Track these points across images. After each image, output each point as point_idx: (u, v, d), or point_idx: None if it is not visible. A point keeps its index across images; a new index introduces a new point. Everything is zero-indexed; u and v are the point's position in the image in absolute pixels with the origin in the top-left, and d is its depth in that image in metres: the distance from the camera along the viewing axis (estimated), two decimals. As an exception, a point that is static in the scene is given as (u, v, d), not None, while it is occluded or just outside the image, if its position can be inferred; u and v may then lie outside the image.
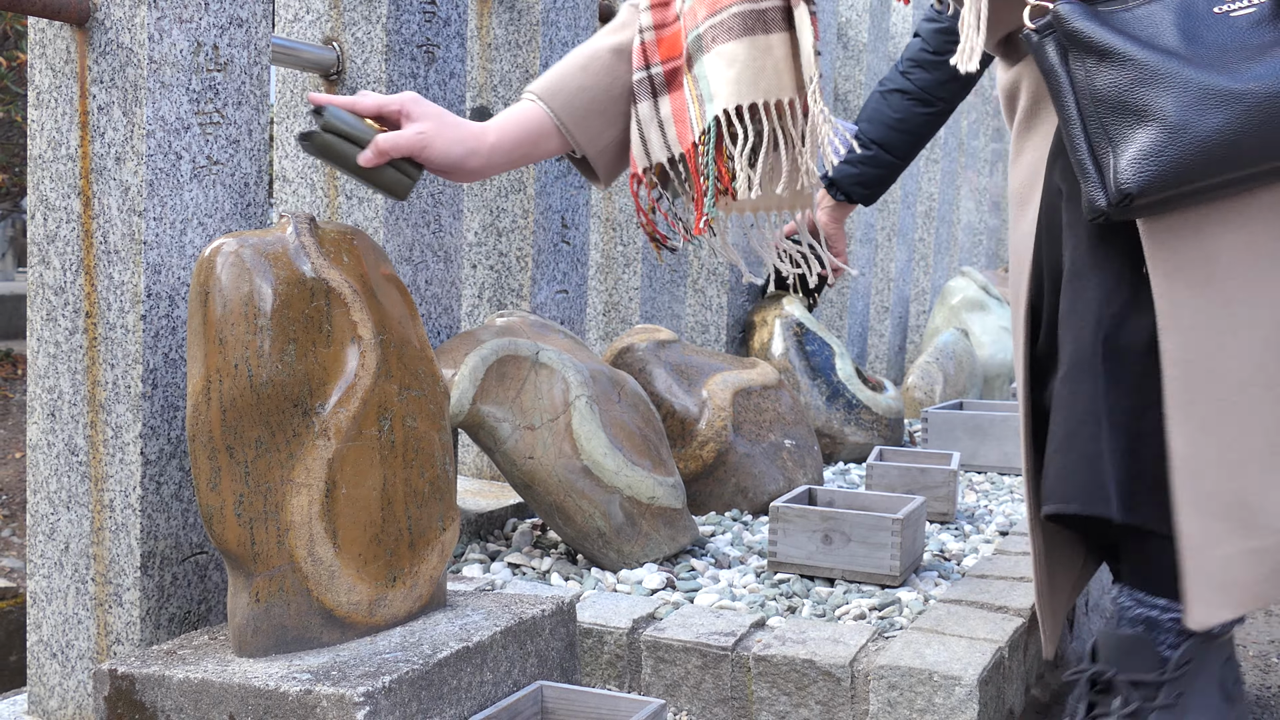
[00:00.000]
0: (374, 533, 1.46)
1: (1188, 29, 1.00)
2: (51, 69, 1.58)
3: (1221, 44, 0.99)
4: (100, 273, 1.57)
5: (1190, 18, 1.00)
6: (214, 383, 1.36)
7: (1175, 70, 0.97)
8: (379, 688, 1.30)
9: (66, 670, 1.63)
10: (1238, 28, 0.99)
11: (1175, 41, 1.00)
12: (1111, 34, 1.01)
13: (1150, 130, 0.98)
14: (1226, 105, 0.96)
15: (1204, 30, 1.00)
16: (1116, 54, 1.00)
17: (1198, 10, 1.00)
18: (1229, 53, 0.99)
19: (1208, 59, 0.99)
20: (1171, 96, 0.97)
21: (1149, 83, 0.98)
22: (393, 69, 2.14)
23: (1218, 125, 0.96)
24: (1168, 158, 0.98)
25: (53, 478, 1.62)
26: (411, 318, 1.54)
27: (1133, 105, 0.98)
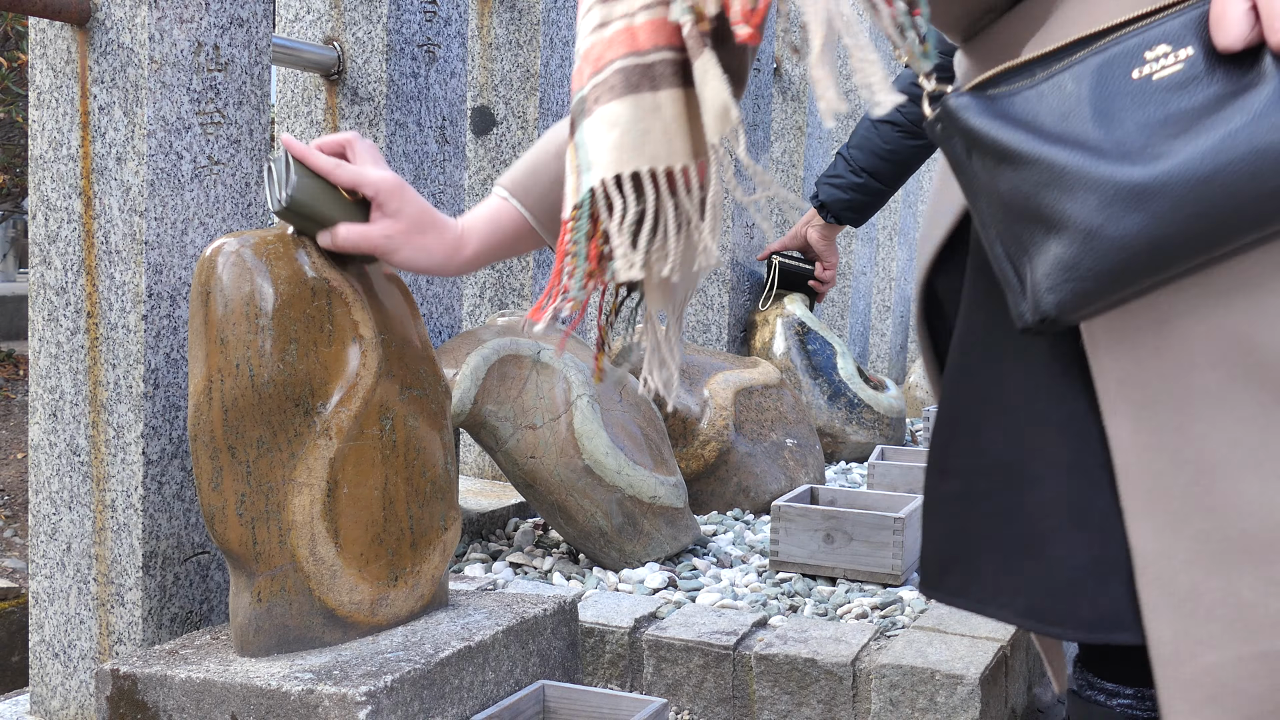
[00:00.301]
0: (376, 532, 1.46)
1: (1102, 104, 0.87)
2: (52, 69, 1.58)
3: (1141, 120, 0.86)
4: (101, 273, 1.57)
5: (1105, 88, 0.87)
6: (215, 382, 1.36)
7: (1083, 167, 0.85)
8: (381, 687, 1.30)
9: (69, 670, 1.63)
10: (1161, 94, 0.86)
11: (1086, 124, 0.87)
12: (1009, 129, 0.88)
13: (1063, 240, 0.86)
14: (1145, 202, 0.83)
15: (1121, 104, 0.87)
16: (1015, 155, 0.87)
17: (1114, 77, 0.88)
18: (1149, 131, 0.86)
19: (1123, 143, 0.86)
20: (1081, 200, 0.84)
21: (1055, 185, 0.85)
22: (393, 68, 2.14)
23: (1138, 227, 0.84)
24: (1085, 270, 0.85)
25: (54, 478, 1.62)
26: (413, 317, 1.54)
27: (1040, 212, 0.86)
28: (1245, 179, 0.82)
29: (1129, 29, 0.87)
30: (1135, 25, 0.87)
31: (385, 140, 2.15)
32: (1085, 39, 0.88)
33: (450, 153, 2.31)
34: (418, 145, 2.22)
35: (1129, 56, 0.87)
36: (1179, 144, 0.84)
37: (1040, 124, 0.88)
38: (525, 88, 2.71)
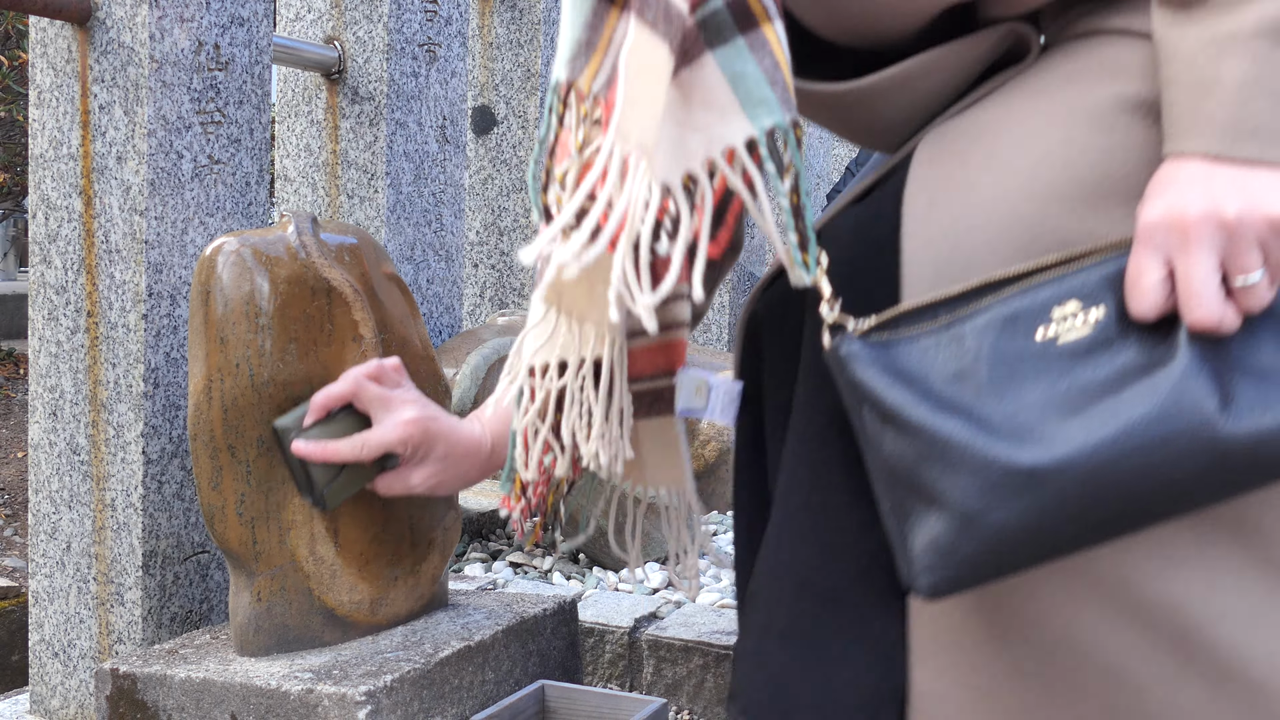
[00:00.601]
0: (375, 532, 1.46)
1: (999, 368, 0.80)
2: (53, 68, 1.58)
3: (1039, 393, 0.79)
4: (102, 272, 1.57)
5: (1006, 347, 0.80)
6: (215, 382, 1.36)
7: (969, 445, 0.77)
8: (381, 687, 1.30)
9: (68, 669, 1.63)
10: (1064, 362, 0.79)
11: (979, 390, 0.80)
12: (897, 388, 0.80)
13: (942, 520, 0.79)
14: (1032, 490, 0.76)
15: (1019, 370, 0.79)
16: (900, 420, 0.80)
17: (1017, 335, 0.80)
18: (1045, 407, 0.78)
19: (1015, 419, 0.78)
20: (963, 481, 0.77)
21: (938, 460, 0.78)
22: (394, 68, 2.14)
23: (1021, 516, 0.77)
24: (962, 555, 0.79)
25: (54, 477, 1.62)
26: (413, 317, 1.54)
27: (920, 485, 0.80)
28: (1142, 473, 0.76)
29: (1042, 276, 0.81)
30: (1050, 272, 0.81)
31: (385, 140, 2.16)
32: (996, 283, 0.82)
33: (451, 152, 2.31)
34: (418, 145, 2.22)
35: (1036, 312, 0.81)
36: (1075, 427, 0.77)
37: (931, 383, 0.81)
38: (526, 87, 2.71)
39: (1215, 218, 0.76)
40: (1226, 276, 0.78)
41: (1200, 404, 0.76)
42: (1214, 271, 0.77)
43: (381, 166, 2.15)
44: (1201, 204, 0.76)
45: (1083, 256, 0.81)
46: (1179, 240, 0.77)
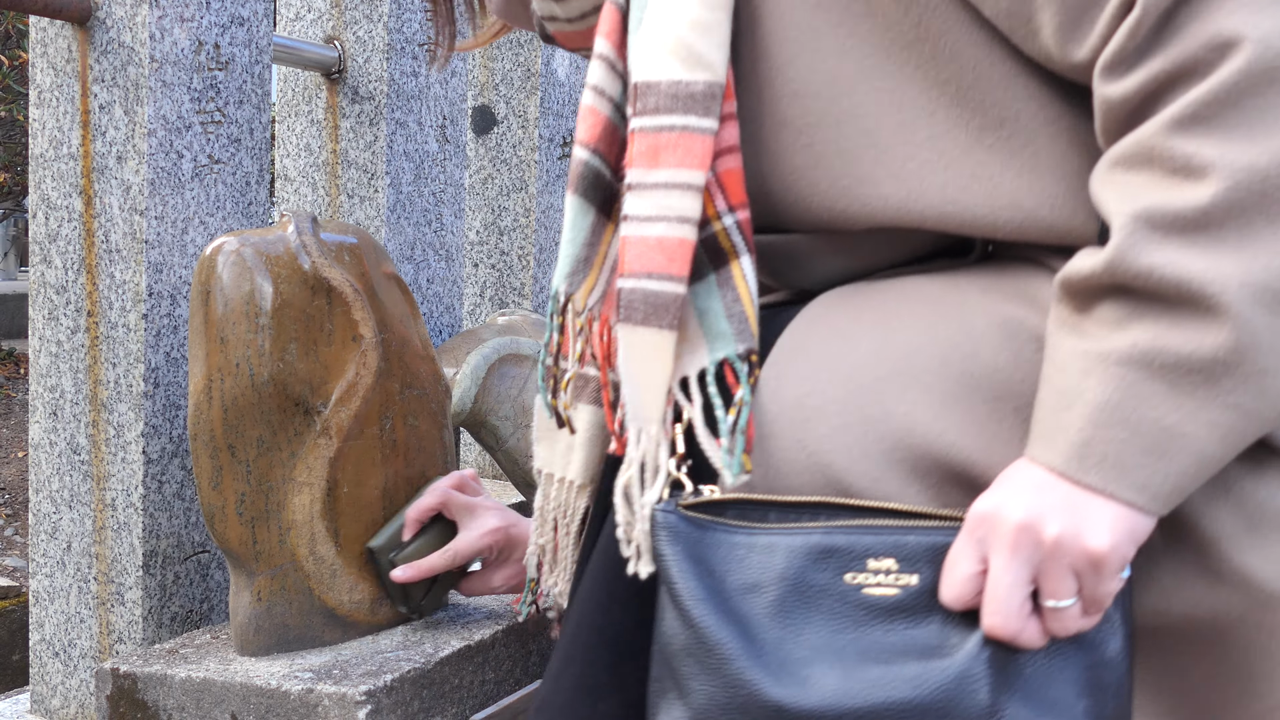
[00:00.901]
0: (376, 532, 1.46)
1: (795, 596, 0.79)
2: (53, 68, 1.58)
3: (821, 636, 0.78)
4: (102, 271, 1.57)
5: (810, 578, 0.79)
6: (215, 382, 1.36)
7: (728, 657, 0.77)
8: (381, 686, 1.30)
9: (69, 669, 1.63)
10: (859, 613, 0.78)
11: (766, 611, 0.79)
12: (691, 577, 0.80)
13: (683, 714, 0.79)
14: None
15: (814, 605, 0.78)
16: (682, 607, 0.79)
17: (826, 569, 0.79)
18: (821, 652, 0.77)
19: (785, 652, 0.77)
20: (711, 687, 0.77)
21: (697, 659, 0.77)
22: (394, 68, 2.14)
23: None
24: None
25: (55, 477, 1.62)
26: (413, 316, 1.54)
27: (676, 673, 0.79)
28: None
29: (875, 520, 0.80)
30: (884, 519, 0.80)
31: (385, 139, 2.16)
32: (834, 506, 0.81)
33: (451, 152, 2.31)
34: (418, 144, 2.22)
35: (853, 556, 0.80)
36: (837, 681, 0.76)
37: (725, 584, 0.81)
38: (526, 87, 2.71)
39: (1034, 532, 0.75)
40: (1038, 595, 0.77)
41: (966, 711, 0.74)
42: (1021, 584, 0.76)
43: (381, 166, 2.15)
44: (1026, 513, 0.75)
45: (920, 516, 0.80)
46: (996, 541, 0.76)
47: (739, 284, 0.89)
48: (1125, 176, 0.76)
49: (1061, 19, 0.80)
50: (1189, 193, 0.73)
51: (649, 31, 0.90)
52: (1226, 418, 0.73)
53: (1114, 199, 0.76)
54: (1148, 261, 0.74)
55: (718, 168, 0.90)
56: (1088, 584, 0.76)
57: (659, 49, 0.89)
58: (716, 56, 0.89)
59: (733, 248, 0.89)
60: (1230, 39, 0.73)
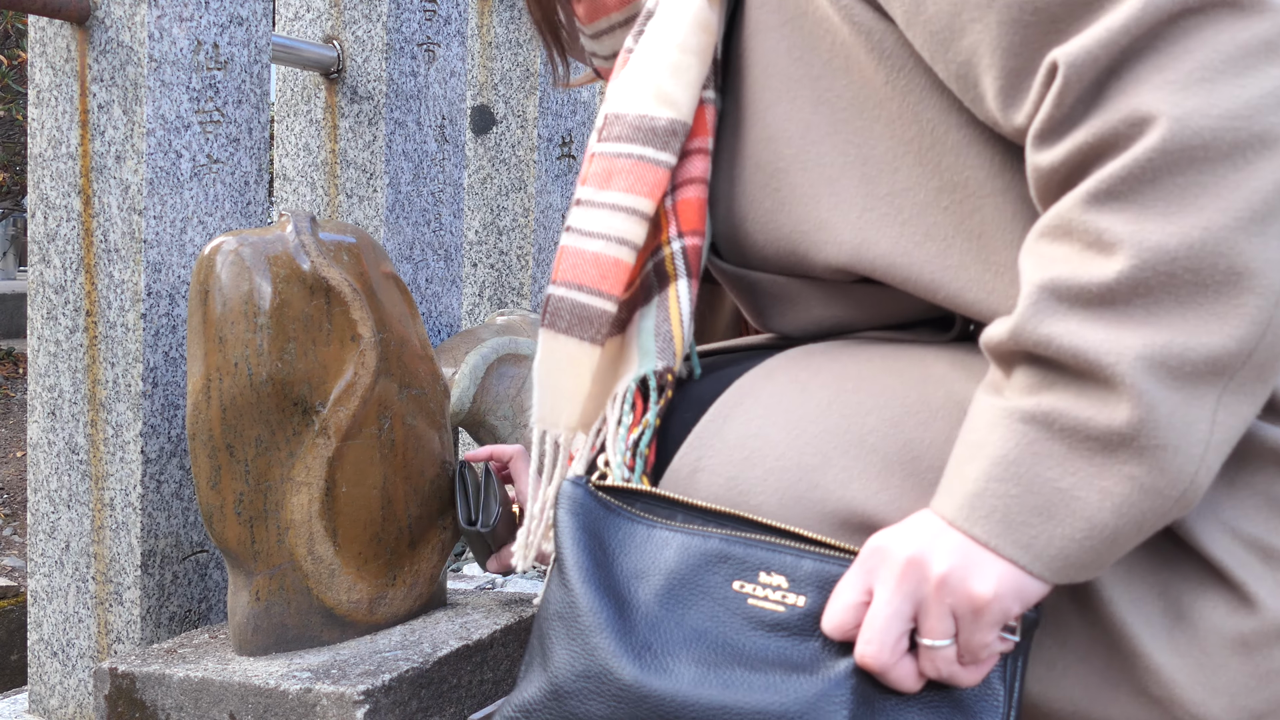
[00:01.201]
0: (374, 531, 1.46)
1: (680, 589, 0.79)
2: (52, 67, 1.58)
3: (696, 630, 0.78)
4: (100, 271, 1.57)
5: (700, 577, 0.80)
6: (214, 381, 1.36)
7: (594, 627, 0.77)
8: (379, 686, 1.30)
9: (67, 669, 1.63)
10: (739, 621, 0.78)
11: (650, 595, 0.80)
12: (580, 545, 0.81)
13: (541, 682, 0.79)
14: (616, 701, 0.75)
15: (695, 602, 0.79)
16: (563, 572, 0.80)
17: (717, 573, 0.80)
18: (692, 644, 0.77)
19: (656, 636, 0.78)
20: (570, 655, 0.77)
21: (565, 622, 0.78)
22: (393, 67, 2.14)
23: (598, 716, 0.76)
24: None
25: (53, 476, 1.62)
26: (411, 316, 1.54)
27: (544, 639, 0.80)
28: None
29: (773, 538, 0.81)
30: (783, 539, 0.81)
31: (384, 139, 2.16)
32: (739, 519, 0.82)
33: (450, 152, 2.31)
34: (417, 144, 2.22)
35: (746, 566, 0.80)
36: (694, 673, 0.76)
37: (615, 565, 0.82)
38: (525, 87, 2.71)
39: (922, 568, 0.75)
40: (916, 632, 0.76)
41: None
42: (900, 618, 0.76)
43: (380, 166, 2.15)
44: (917, 550, 0.76)
45: (821, 545, 0.80)
46: (884, 573, 0.76)
47: (671, 305, 0.92)
48: (1045, 248, 0.77)
49: (1001, 84, 0.80)
50: (1098, 267, 0.73)
51: (631, 71, 0.96)
52: (1121, 488, 0.73)
53: (1030, 268, 0.77)
54: (1046, 331, 0.74)
55: (676, 196, 0.94)
56: (965, 628, 0.75)
57: (635, 86, 0.95)
58: (684, 97, 0.94)
59: (674, 271, 0.93)
60: (1148, 115, 0.72)
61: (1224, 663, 0.78)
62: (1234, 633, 0.78)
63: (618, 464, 0.90)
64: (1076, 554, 0.74)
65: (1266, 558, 0.80)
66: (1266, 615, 0.78)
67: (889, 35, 0.87)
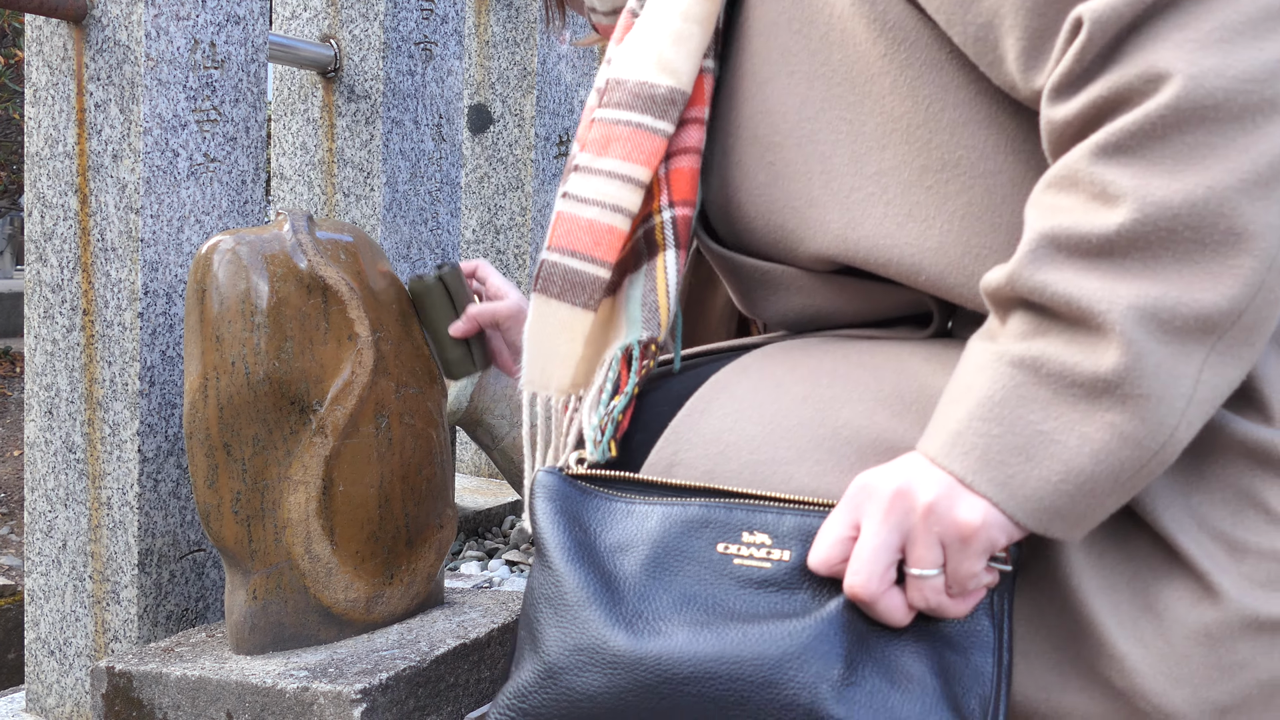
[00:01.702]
0: (371, 530, 1.46)
1: (663, 557, 0.80)
2: (49, 66, 1.58)
3: (685, 593, 0.78)
4: (98, 270, 1.57)
5: (682, 544, 0.80)
6: (211, 380, 1.36)
7: (581, 602, 0.78)
8: (376, 685, 1.30)
9: (64, 667, 1.63)
10: (726, 582, 0.79)
11: (633, 564, 0.80)
12: (561, 529, 0.82)
13: (533, 662, 0.79)
14: (611, 670, 0.76)
15: (680, 568, 0.79)
16: (544, 556, 0.81)
17: (700, 538, 0.80)
18: (680, 607, 0.77)
19: (644, 605, 0.78)
20: (560, 632, 0.78)
21: (552, 603, 0.79)
22: (390, 66, 2.14)
23: (595, 689, 0.76)
24: (531, 704, 0.78)
25: (50, 475, 1.62)
26: (409, 315, 1.54)
27: (532, 621, 0.80)
28: (736, 704, 0.74)
29: (752, 502, 0.82)
30: (762, 503, 0.81)
31: (381, 138, 2.16)
32: (715, 491, 0.83)
33: (447, 151, 2.31)
34: (414, 143, 2.22)
35: (728, 528, 0.81)
36: (687, 634, 0.76)
37: (597, 542, 0.82)
38: (522, 85, 2.72)
39: (908, 498, 0.76)
40: (904, 563, 0.77)
41: (818, 668, 0.74)
42: (887, 549, 0.76)
43: (378, 165, 2.15)
44: (903, 481, 0.77)
45: (795, 502, 0.81)
46: (871, 507, 0.77)
47: (659, 275, 0.93)
48: (1050, 198, 0.78)
49: (1024, 45, 0.80)
50: (1100, 218, 0.74)
51: (635, 36, 0.96)
52: (1101, 435, 0.73)
53: (1033, 217, 0.78)
54: (1042, 278, 0.75)
55: (670, 165, 0.94)
56: (953, 557, 0.76)
57: (637, 52, 0.95)
58: (685, 66, 0.94)
59: (663, 240, 0.93)
60: (1163, 72, 0.73)
61: (1188, 654, 0.79)
62: (1198, 624, 0.79)
63: (591, 428, 0.91)
64: (1051, 498, 0.75)
65: (1231, 550, 0.80)
66: (1230, 607, 0.79)
67: (894, 5, 0.87)
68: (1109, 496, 0.75)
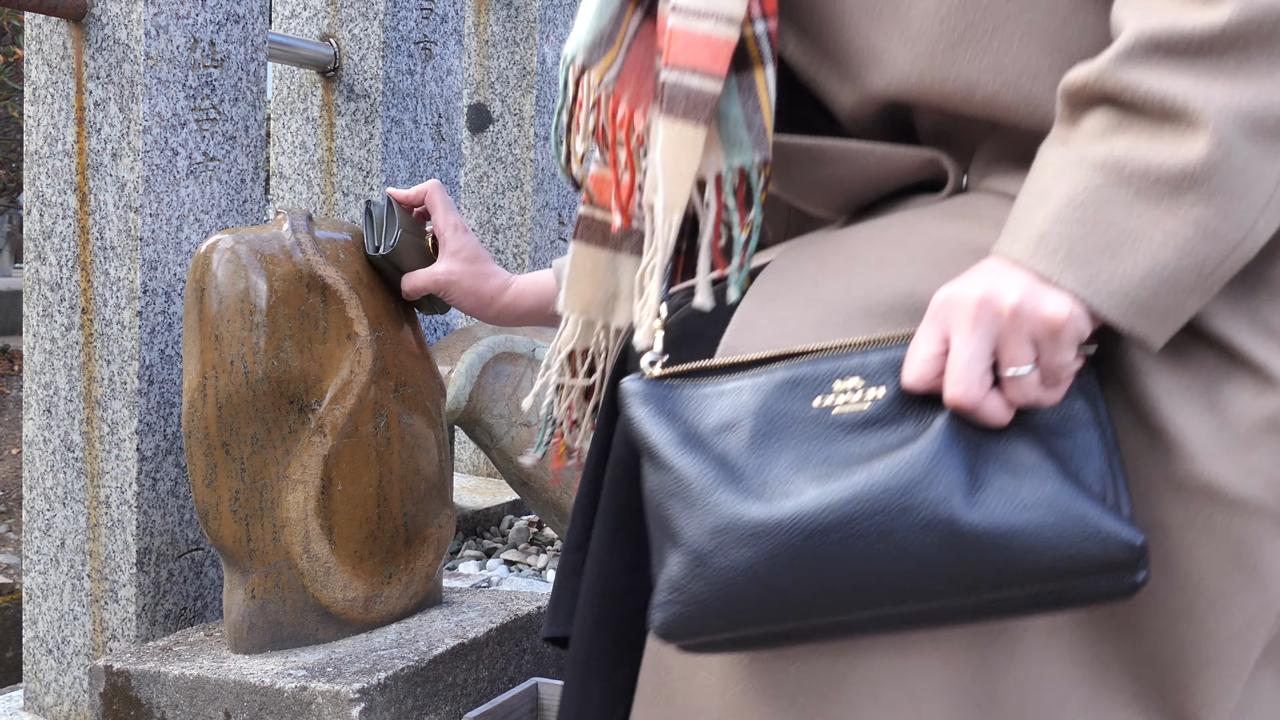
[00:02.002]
0: (370, 529, 1.46)
1: (766, 426, 0.81)
2: (48, 65, 1.58)
3: (797, 456, 0.80)
4: (96, 269, 1.57)
5: (778, 408, 0.82)
6: (210, 379, 1.36)
7: (707, 488, 0.79)
8: (374, 684, 1.30)
9: (62, 666, 1.63)
10: (831, 431, 0.80)
11: (741, 443, 0.81)
12: (663, 427, 0.83)
13: (678, 556, 0.80)
14: (755, 540, 0.77)
15: (785, 431, 0.81)
16: (657, 456, 0.82)
17: (794, 399, 0.82)
18: (797, 469, 0.79)
19: (763, 474, 0.80)
20: (696, 519, 0.79)
21: (679, 497, 0.80)
22: (389, 66, 2.14)
23: (744, 562, 0.77)
24: (690, 594, 0.79)
25: (49, 474, 1.62)
26: (408, 315, 1.54)
27: (666, 520, 0.81)
28: (876, 539, 0.75)
29: (830, 352, 0.82)
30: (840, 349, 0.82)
31: (381, 137, 2.15)
32: (792, 354, 0.83)
33: (446, 150, 2.31)
34: (413, 142, 2.22)
35: (817, 381, 0.82)
36: (810, 489, 0.77)
37: (698, 429, 0.83)
38: (522, 85, 2.71)
39: (994, 303, 0.77)
40: (997, 366, 0.78)
41: (945, 482, 0.76)
42: (982, 355, 0.77)
43: (377, 164, 2.15)
44: (986, 289, 0.78)
45: (876, 341, 0.82)
46: (957, 318, 0.78)
47: (760, 93, 0.91)
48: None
49: None
50: (1201, 16, 0.75)
51: None
52: (1185, 231, 0.75)
53: (1129, 15, 0.79)
54: (1137, 75, 0.76)
55: None
56: (1045, 351, 0.77)
57: None
58: None
59: (759, 56, 0.91)
60: None
61: (1256, 442, 0.81)
62: (1262, 414, 0.81)
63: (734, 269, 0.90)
64: (1137, 291, 0.76)
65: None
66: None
67: None
68: (1192, 293, 0.77)
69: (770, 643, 0.82)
